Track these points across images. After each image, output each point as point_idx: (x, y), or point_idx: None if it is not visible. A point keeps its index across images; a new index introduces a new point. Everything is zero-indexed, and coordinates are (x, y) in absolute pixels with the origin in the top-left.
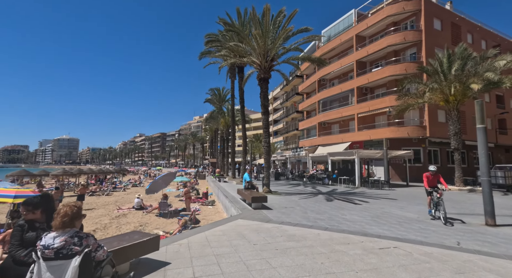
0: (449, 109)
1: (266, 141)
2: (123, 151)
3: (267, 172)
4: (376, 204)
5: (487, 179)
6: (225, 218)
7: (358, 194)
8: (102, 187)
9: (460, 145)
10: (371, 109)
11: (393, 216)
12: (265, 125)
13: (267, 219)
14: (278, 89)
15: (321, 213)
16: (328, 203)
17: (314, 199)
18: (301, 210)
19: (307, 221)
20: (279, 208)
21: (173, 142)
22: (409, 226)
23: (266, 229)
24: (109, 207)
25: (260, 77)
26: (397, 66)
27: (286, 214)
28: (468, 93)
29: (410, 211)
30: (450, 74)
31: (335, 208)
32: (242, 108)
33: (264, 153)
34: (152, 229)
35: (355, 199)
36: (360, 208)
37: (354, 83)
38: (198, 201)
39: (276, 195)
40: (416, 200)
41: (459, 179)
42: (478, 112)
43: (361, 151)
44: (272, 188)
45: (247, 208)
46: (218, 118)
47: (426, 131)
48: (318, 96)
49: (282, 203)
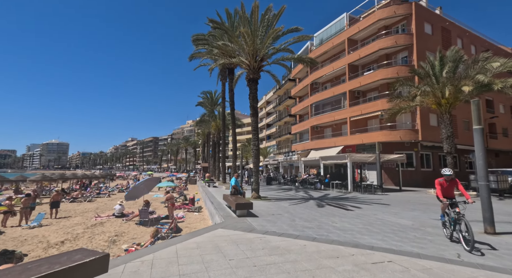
0: (441, 112)
1: (255, 144)
2: (114, 155)
3: (256, 177)
4: (369, 210)
5: (485, 183)
6: (205, 228)
7: (350, 199)
8: (85, 193)
9: (453, 148)
10: (363, 113)
11: (387, 223)
12: (254, 127)
13: (251, 228)
14: (271, 93)
15: (310, 221)
16: (319, 209)
17: (305, 205)
18: (289, 217)
19: (294, 230)
20: (266, 215)
21: (166, 147)
22: (404, 235)
23: (248, 240)
24: (88, 215)
25: (249, 78)
26: (389, 69)
27: (272, 222)
28: (460, 96)
29: (404, 217)
30: (442, 77)
31: (326, 214)
32: (232, 111)
33: (253, 156)
34: (128, 239)
35: (347, 205)
36: (352, 214)
37: (346, 86)
38: (183, 207)
39: (265, 201)
40: (409, 206)
41: None
42: (474, 112)
43: (353, 155)
44: (262, 193)
45: (231, 215)
46: (209, 122)
47: (419, 135)
48: (310, 99)
49: (270, 209)
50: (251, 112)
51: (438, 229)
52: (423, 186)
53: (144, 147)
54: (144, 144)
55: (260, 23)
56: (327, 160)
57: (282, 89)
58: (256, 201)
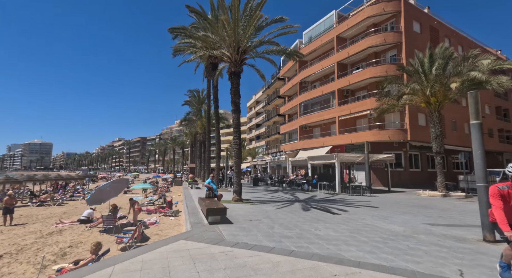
0: (430, 111)
1: (236, 142)
2: (100, 156)
3: (238, 178)
4: (357, 213)
5: (484, 185)
6: (164, 239)
7: (337, 201)
8: (56, 195)
9: (442, 148)
10: (352, 112)
11: (376, 230)
12: (235, 125)
13: (219, 239)
14: (260, 93)
15: (290, 228)
16: (303, 214)
17: (289, 208)
18: (268, 224)
19: (269, 241)
20: (242, 221)
21: (153, 147)
22: (395, 245)
23: (210, 256)
24: (51, 221)
25: (230, 71)
26: (377, 67)
27: (247, 230)
28: (449, 94)
29: (394, 222)
30: (431, 74)
31: (310, 220)
32: (216, 109)
33: (234, 156)
34: (83, 251)
35: (333, 208)
36: (338, 219)
37: (335, 85)
38: (159, 211)
39: (246, 204)
40: (399, 208)
41: (441, 184)
42: (472, 105)
43: (341, 154)
44: (245, 195)
45: (202, 222)
46: (195, 121)
47: (407, 135)
48: (299, 98)
49: (249, 214)
50: (233, 108)
51: (431, 236)
52: (411, 187)
53: (131, 147)
54: (131, 144)
55: (243, 13)
56: (314, 160)
57: (271, 88)
58: (237, 204)
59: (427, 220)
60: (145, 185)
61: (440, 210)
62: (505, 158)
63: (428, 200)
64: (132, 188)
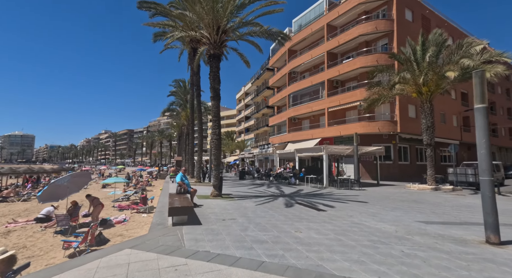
0: (421, 101)
1: (215, 133)
2: (85, 148)
3: (216, 171)
4: (344, 210)
5: (489, 179)
6: (104, 249)
7: (324, 196)
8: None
9: (433, 140)
10: (341, 103)
11: (365, 230)
12: (214, 113)
13: (176, 246)
14: (249, 84)
15: (267, 229)
16: (285, 210)
17: (271, 204)
18: (243, 224)
19: (238, 248)
20: (214, 221)
21: (140, 140)
22: (387, 251)
23: (153, 273)
24: (5, 219)
25: (209, 53)
26: (368, 57)
27: (215, 233)
28: (441, 84)
29: (384, 220)
30: (424, 62)
31: (291, 218)
32: (198, 97)
33: (213, 147)
34: (23, 258)
35: (319, 204)
36: (323, 217)
37: (324, 75)
38: (132, 207)
39: (225, 200)
40: (389, 203)
41: (431, 178)
42: (477, 86)
43: (329, 147)
44: (228, 190)
45: (164, 223)
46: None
47: (397, 127)
48: (288, 89)
49: (225, 212)
50: (212, 94)
51: (427, 237)
52: (400, 180)
53: (118, 140)
54: (118, 137)
55: None
56: (302, 153)
57: (260, 79)
58: (215, 200)
59: (420, 217)
60: (118, 179)
61: (431, 205)
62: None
63: (418, 194)
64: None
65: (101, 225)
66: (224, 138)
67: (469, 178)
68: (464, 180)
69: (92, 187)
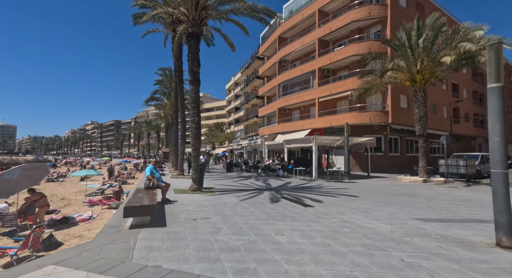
0: (415, 90)
1: (194, 121)
2: (70, 139)
3: (196, 163)
4: (333, 205)
5: (503, 171)
6: (29, 262)
7: (313, 189)
8: None
9: (425, 131)
10: (332, 93)
11: (357, 231)
12: (194, 98)
13: (120, 259)
14: (239, 74)
15: (243, 232)
16: (269, 207)
17: (254, 199)
18: (215, 225)
19: (199, 260)
20: (182, 221)
21: (127, 131)
22: (385, 259)
23: None
24: None
25: (187, 32)
26: (360, 44)
27: (177, 238)
28: (436, 71)
29: (378, 217)
30: (419, 48)
31: (274, 216)
32: (180, 84)
33: (191, 137)
34: None
35: (307, 198)
36: (310, 214)
37: (315, 64)
38: (103, 203)
39: (204, 195)
40: (381, 197)
41: (422, 169)
42: (492, 62)
43: (319, 137)
44: (212, 183)
45: (120, 225)
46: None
47: (389, 117)
48: (278, 78)
49: (199, 209)
50: (191, 78)
51: (428, 239)
52: (390, 171)
53: (105, 131)
54: (105, 128)
55: None
56: (291, 144)
57: (250, 69)
58: (192, 195)
59: (416, 214)
60: (89, 172)
61: (426, 199)
62: (477, 143)
63: (410, 187)
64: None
65: (62, 223)
66: (214, 130)
67: (460, 170)
68: (455, 172)
69: (70, 180)
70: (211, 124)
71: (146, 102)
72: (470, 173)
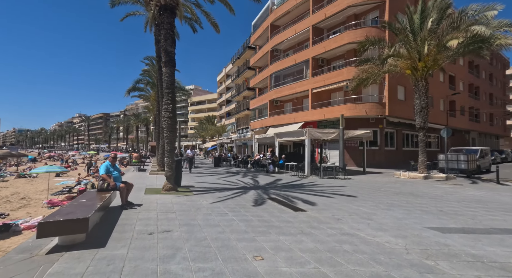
0: (416, 79)
1: (168, 109)
2: (57, 133)
3: (170, 158)
4: (329, 208)
5: None
6: None
7: (305, 187)
8: None
9: (426, 123)
10: (326, 83)
11: (361, 249)
12: (167, 83)
13: None
14: (230, 65)
15: (207, 257)
16: (251, 212)
17: (236, 201)
18: (173, 244)
19: None
20: (134, 236)
21: (115, 124)
22: None
23: None
24: None
25: (159, 4)
26: (357, 31)
27: (108, 272)
28: (440, 58)
29: (384, 226)
30: (424, 31)
31: (255, 227)
32: (159, 70)
33: (165, 128)
34: None
35: (298, 199)
36: (301, 222)
37: (309, 52)
38: (62, 204)
39: (179, 195)
40: (383, 197)
41: (422, 165)
42: None
43: (312, 130)
44: (194, 180)
45: (42, 244)
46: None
47: (386, 109)
48: (270, 69)
49: (164, 217)
50: (164, 59)
51: (462, 265)
52: (386, 167)
53: (93, 124)
54: (93, 121)
55: None
56: (282, 138)
57: (241, 59)
58: (165, 196)
59: (429, 220)
60: (51, 168)
61: (433, 199)
62: (471, 137)
63: (411, 184)
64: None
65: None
66: (204, 123)
67: (461, 165)
68: (455, 167)
69: (45, 176)
70: (202, 118)
71: (128, 92)
72: (471, 168)
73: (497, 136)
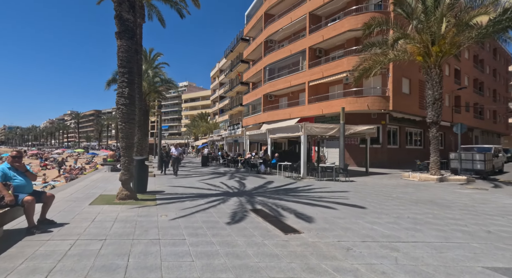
0: (428, 66)
1: (123, 94)
2: (48, 130)
3: (127, 158)
4: (332, 229)
5: None
6: None
7: (300, 192)
8: None
9: (439, 117)
10: (325, 75)
11: None
12: (122, 60)
13: None
14: (224, 60)
15: None
16: (221, 236)
17: (208, 215)
18: None
19: None
20: None
21: (106, 121)
22: None
23: None
24: None
25: None
26: (358, 17)
27: None
28: (458, 41)
29: (424, 267)
30: (442, 5)
31: (218, 270)
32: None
33: (119, 119)
34: None
35: (290, 211)
36: (292, 258)
37: (306, 42)
38: None
39: (135, 206)
40: (399, 207)
41: (435, 165)
42: None
43: (309, 125)
44: (170, 183)
45: None
46: None
47: (389, 103)
48: (264, 61)
49: (83, 249)
50: (118, 29)
51: None
52: (389, 166)
53: (84, 121)
54: (84, 118)
55: None
56: (275, 134)
57: (234, 52)
58: (116, 207)
59: (484, 253)
60: None
61: (465, 211)
62: (474, 135)
63: (425, 188)
64: None
65: None
66: (197, 120)
67: (476, 165)
68: (470, 168)
69: None
70: (196, 115)
71: (107, 84)
72: (488, 169)
73: (499, 134)
